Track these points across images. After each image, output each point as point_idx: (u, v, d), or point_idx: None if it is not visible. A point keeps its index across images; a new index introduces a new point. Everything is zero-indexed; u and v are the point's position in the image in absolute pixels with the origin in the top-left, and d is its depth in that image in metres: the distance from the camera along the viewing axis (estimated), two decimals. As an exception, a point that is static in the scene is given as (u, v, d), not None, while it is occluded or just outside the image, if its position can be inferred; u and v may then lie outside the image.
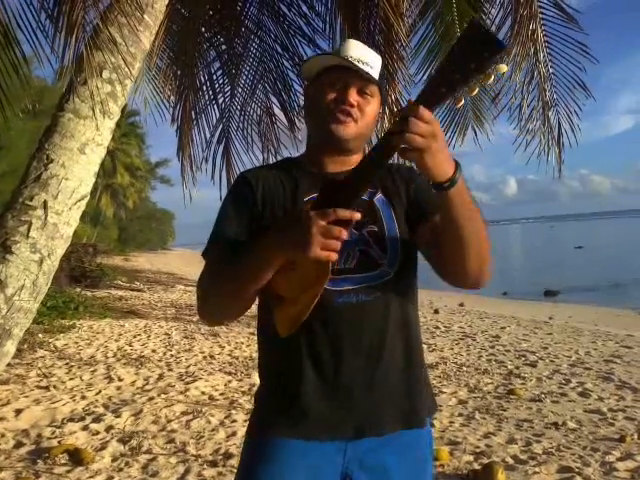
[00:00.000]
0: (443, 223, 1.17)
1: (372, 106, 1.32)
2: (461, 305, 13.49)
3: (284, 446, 1.24)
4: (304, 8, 4.53)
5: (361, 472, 1.24)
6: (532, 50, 4.12)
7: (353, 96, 1.28)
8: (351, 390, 1.23)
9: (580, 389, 5.26)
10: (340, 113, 1.27)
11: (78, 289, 12.13)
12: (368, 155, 1.13)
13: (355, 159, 1.36)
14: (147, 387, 5.10)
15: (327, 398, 1.23)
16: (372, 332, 1.25)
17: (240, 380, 5.43)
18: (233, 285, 1.21)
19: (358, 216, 1.06)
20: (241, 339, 7.72)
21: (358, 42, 1.35)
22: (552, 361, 6.60)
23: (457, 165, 1.07)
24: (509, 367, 6.22)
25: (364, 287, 1.24)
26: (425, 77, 4.73)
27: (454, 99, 0.97)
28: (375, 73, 1.30)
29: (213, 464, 3.37)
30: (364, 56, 1.29)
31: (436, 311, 11.39)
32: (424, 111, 0.96)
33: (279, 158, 4.67)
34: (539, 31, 4.10)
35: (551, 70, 4.26)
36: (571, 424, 4.20)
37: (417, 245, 1.32)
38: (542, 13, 4.11)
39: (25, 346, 6.35)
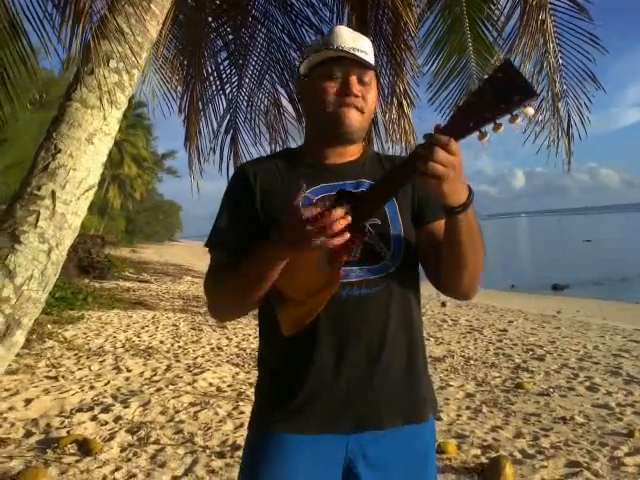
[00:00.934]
0: (446, 242, 1.19)
1: (372, 93, 1.31)
2: (468, 298, 13.45)
3: (285, 442, 1.24)
4: (311, -3, 4.50)
5: (364, 463, 1.24)
6: (541, 41, 4.07)
7: (356, 87, 1.27)
8: (352, 383, 1.23)
9: (588, 383, 5.24)
10: (346, 106, 1.26)
11: (86, 280, 12.21)
12: (389, 173, 1.14)
13: (354, 149, 1.36)
14: (155, 378, 5.12)
15: (328, 392, 1.23)
16: (374, 325, 1.25)
17: (248, 372, 5.44)
18: (237, 291, 1.23)
19: (348, 219, 1.04)
20: (248, 331, 7.74)
21: (348, 29, 1.34)
22: (560, 355, 6.57)
23: (470, 192, 1.10)
24: (517, 361, 6.21)
25: (367, 280, 1.24)
26: (433, 69, 4.70)
27: (480, 134, 0.98)
28: (370, 58, 1.29)
29: (221, 455, 3.38)
30: (357, 43, 1.28)
31: (443, 304, 11.37)
32: (452, 143, 0.97)
33: (287, 149, 4.63)
34: (548, 21, 4.05)
35: (561, 61, 4.21)
36: (579, 419, 4.18)
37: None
38: (551, 3, 4.06)
39: (34, 336, 6.39)
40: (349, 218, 1.03)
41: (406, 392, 1.28)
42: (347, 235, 1.03)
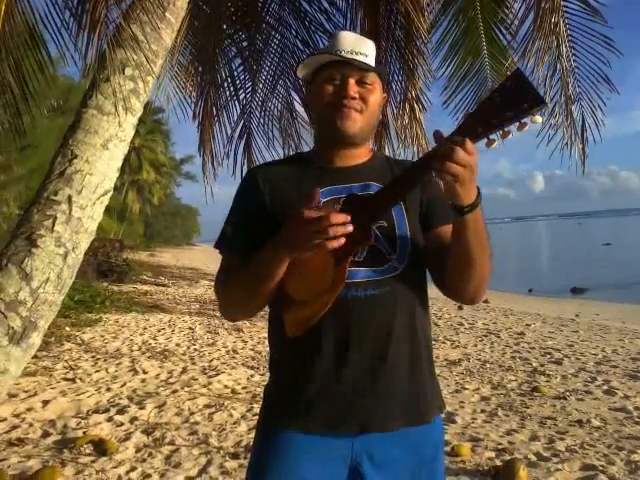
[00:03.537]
0: (454, 242, 1.20)
1: (374, 95, 1.32)
2: (485, 302, 13.36)
3: (292, 440, 1.26)
4: (325, 4, 4.52)
5: (370, 464, 1.24)
6: (555, 43, 4.04)
7: (353, 88, 1.29)
8: (356, 385, 1.24)
9: (606, 387, 5.19)
10: (343, 107, 1.28)
11: (105, 284, 12.35)
12: (398, 177, 1.16)
13: (362, 150, 1.38)
14: (171, 380, 5.18)
15: (332, 393, 1.24)
16: (379, 327, 1.24)
17: (262, 374, 5.47)
18: (244, 290, 1.26)
19: (350, 228, 1.06)
20: (264, 334, 7.76)
21: (349, 33, 1.36)
22: (578, 359, 6.51)
23: (479, 192, 1.11)
24: (534, 364, 6.16)
25: (372, 281, 1.24)
26: (447, 73, 4.70)
27: (487, 140, 1.02)
28: (371, 61, 1.31)
29: (235, 456, 3.42)
30: (357, 46, 1.30)
31: (460, 307, 11.28)
32: (469, 144, 1.00)
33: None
34: (562, 24, 4.02)
35: (574, 64, 4.18)
36: (596, 422, 4.14)
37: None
38: (565, 6, 4.03)
39: (52, 339, 6.49)
40: (350, 228, 1.05)
41: (411, 394, 1.27)
42: (342, 240, 1.05)
